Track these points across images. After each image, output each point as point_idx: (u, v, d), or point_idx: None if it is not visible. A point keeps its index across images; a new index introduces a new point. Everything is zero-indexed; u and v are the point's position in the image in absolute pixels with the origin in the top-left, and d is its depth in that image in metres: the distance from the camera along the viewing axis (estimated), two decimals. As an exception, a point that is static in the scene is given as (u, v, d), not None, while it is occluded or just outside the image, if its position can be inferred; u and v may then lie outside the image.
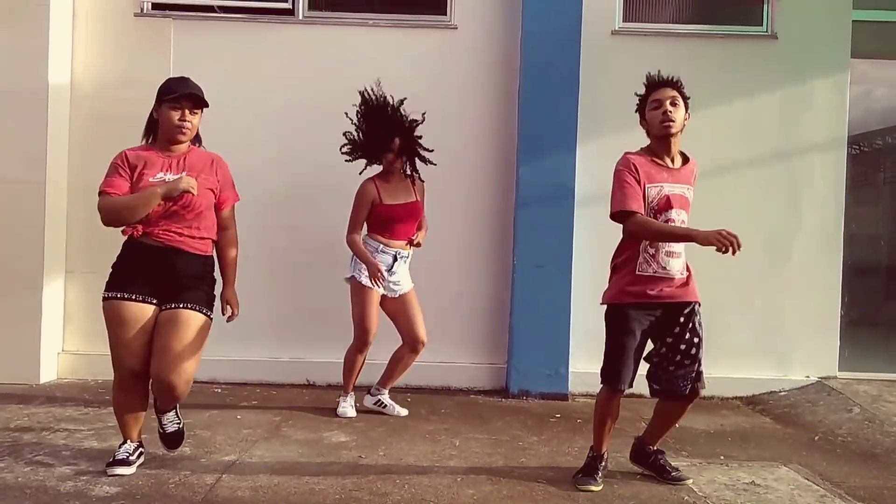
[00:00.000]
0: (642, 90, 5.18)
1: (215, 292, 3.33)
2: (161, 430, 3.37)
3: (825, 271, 5.39)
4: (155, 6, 5.37)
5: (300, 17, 5.37)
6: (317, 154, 5.26)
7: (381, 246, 4.35)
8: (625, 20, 5.43)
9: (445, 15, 5.39)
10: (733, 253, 2.93)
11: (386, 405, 4.54)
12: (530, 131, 5.12)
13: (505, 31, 5.35)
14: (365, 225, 4.42)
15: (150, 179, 3.11)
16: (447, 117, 5.24)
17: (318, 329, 5.25)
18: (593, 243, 5.19)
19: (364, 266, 4.25)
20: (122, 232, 3.18)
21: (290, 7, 5.35)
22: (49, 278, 5.12)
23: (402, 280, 4.40)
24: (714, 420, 4.60)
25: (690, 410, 3.43)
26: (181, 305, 3.12)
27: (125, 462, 3.19)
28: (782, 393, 5.25)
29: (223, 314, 3.38)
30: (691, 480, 3.35)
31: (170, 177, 3.13)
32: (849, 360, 5.43)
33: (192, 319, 3.12)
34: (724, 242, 2.91)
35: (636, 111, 3.44)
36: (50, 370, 5.18)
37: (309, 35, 5.38)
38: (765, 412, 4.92)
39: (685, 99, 3.30)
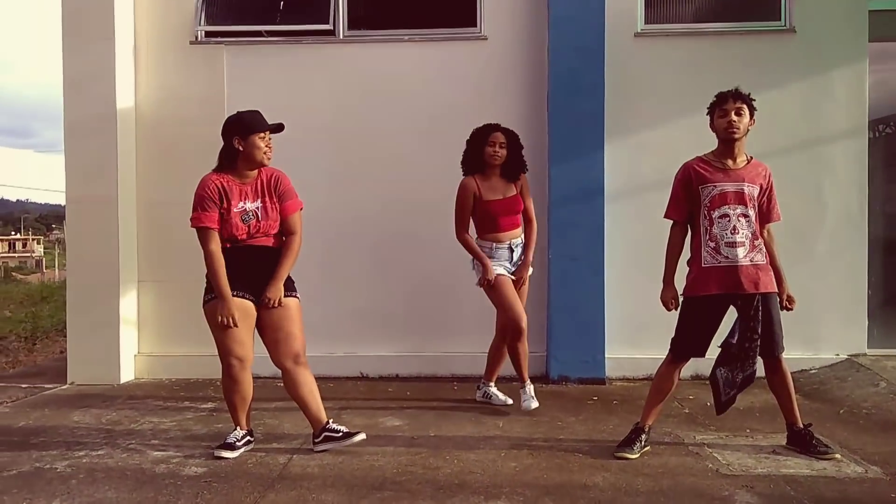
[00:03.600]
0: (667, 89, 5.54)
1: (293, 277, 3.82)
2: (340, 435, 3.72)
3: (851, 254, 5.60)
4: (208, 34, 5.83)
5: (341, 36, 5.78)
6: (360, 165, 5.69)
7: (494, 245, 4.56)
8: (647, 22, 5.70)
9: (476, 27, 5.75)
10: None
11: (491, 396, 4.77)
12: (560, 134, 5.44)
13: (532, 40, 5.68)
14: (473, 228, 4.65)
15: (235, 210, 3.63)
16: (482, 122, 5.59)
17: (369, 326, 5.66)
18: (623, 237, 5.52)
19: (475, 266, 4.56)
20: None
21: (332, 28, 5.77)
22: (124, 288, 5.63)
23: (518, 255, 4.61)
24: (745, 398, 4.81)
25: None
26: (284, 294, 3.68)
27: (231, 447, 3.65)
28: (813, 371, 5.48)
29: (266, 305, 3.67)
30: (838, 456, 3.59)
31: (249, 205, 3.64)
32: (877, 338, 5.64)
33: (292, 304, 3.72)
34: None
35: (707, 114, 3.75)
36: (128, 371, 5.69)
37: (349, 53, 5.79)
38: (796, 390, 5.12)
39: (751, 109, 3.66)
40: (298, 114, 5.70)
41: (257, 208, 3.66)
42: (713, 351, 3.71)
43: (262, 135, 3.67)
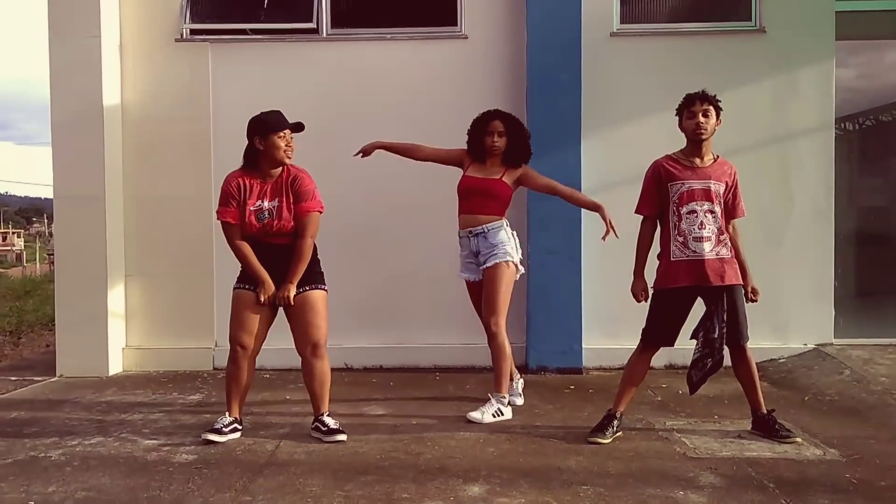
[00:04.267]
0: (642, 87, 5.72)
1: (321, 269, 3.98)
2: (325, 429, 3.86)
3: (819, 247, 5.82)
4: (193, 32, 5.92)
5: (324, 35, 5.90)
6: (342, 161, 5.78)
7: (459, 232, 4.50)
8: (622, 22, 5.87)
9: (456, 26, 5.88)
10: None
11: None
12: (538, 130, 5.49)
13: (511, 39, 5.83)
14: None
15: (251, 208, 3.78)
16: (461, 120, 5.67)
17: (353, 318, 5.80)
18: (600, 231, 5.66)
19: (460, 259, 4.55)
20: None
21: (315, 27, 5.88)
22: (112, 282, 5.72)
23: (489, 254, 4.38)
24: (716, 386, 5.02)
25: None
26: (306, 288, 3.85)
27: (219, 431, 3.80)
28: (781, 360, 5.69)
29: (279, 304, 3.84)
30: (799, 440, 3.77)
31: (266, 204, 3.79)
32: (844, 328, 5.86)
33: (317, 296, 3.88)
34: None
35: (676, 115, 3.91)
36: (116, 364, 5.79)
37: (332, 51, 5.92)
38: (764, 378, 5.32)
39: (718, 109, 3.83)
40: (282, 110, 5.80)
41: (273, 207, 3.80)
42: (682, 340, 3.89)
43: (281, 134, 3.80)
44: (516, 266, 4.44)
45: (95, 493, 3.11)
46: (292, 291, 3.80)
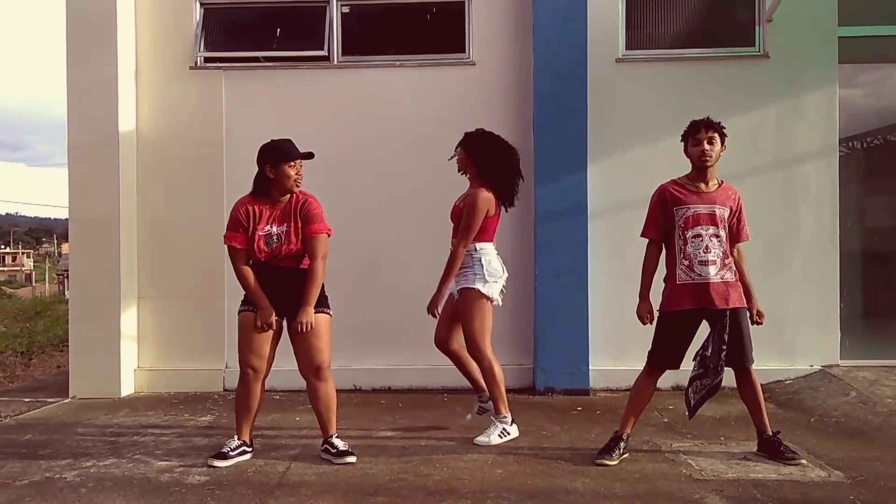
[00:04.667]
0: (647, 112, 5.81)
1: (326, 293, 4.01)
2: (335, 451, 3.92)
3: (825, 268, 5.87)
4: (207, 60, 6.06)
5: (335, 62, 6.02)
6: (353, 183, 5.90)
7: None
8: (627, 48, 5.97)
9: (464, 52, 6.00)
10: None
11: (487, 410, 4.48)
12: (545, 155, 5.68)
13: (518, 65, 5.94)
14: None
15: (259, 234, 3.84)
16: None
17: (362, 339, 5.87)
18: (606, 253, 5.76)
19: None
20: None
21: (326, 54, 6.02)
22: (125, 304, 5.82)
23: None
24: (722, 408, 5.08)
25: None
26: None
27: (224, 456, 3.86)
28: (787, 381, 5.72)
29: (298, 330, 3.84)
30: (804, 461, 3.80)
31: (275, 230, 3.86)
32: (850, 350, 5.89)
33: (319, 320, 3.89)
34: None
35: (681, 140, 3.98)
36: (128, 385, 5.87)
37: (343, 78, 6.04)
38: (770, 399, 5.37)
39: (722, 136, 3.91)
40: (293, 136, 5.74)
41: (282, 232, 3.87)
42: (687, 363, 3.94)
43: (292, 163, 3.87)
44: (479, 292, 4.26)
45: (111, 514, 3.18)
46: (310, 315, 3.83)
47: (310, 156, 3.97)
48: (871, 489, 3.45)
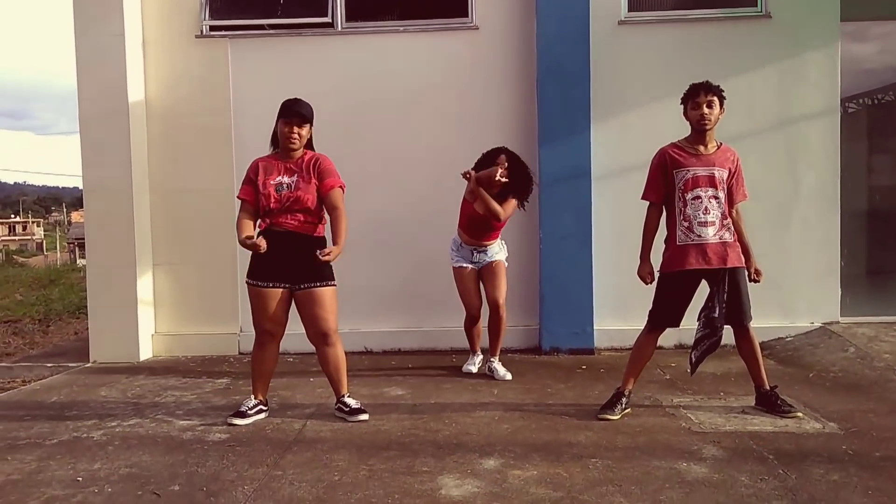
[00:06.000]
0: (650, 74, 5.84)
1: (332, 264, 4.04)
2: (348, 409, 4.09)
3: (825, 227, 5.95)
4: (213, 28, 6.11)
5: (339, 28, 6.07)
6: (360, 150, 5.99)
7: (461, 242, 5.09)
8: (630, 10, 5.99)
9: (468, 17, 6.03)
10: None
11: (493, 370, 5.06)
12: (548, 119, 5.75)
13: (522, 28, 5.97)
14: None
15: (271, 183, 3.95)
16: (474, 109, 5.94)
17: (372, 303, 6.02)
18: (610, 216, 5.85)
19: (453, 252, 5.12)
20: (259, 225, 4.04)
21: (330, 21, 6.06)
22: (140, 270, 5.97)
23: (488, 256, 5.06)
24: (723, 365, 5.23)
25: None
26: (314, 285, 3.98)
27: (243, 415, 4.03)
28: (788, 339, 5.85)
29: (320, 256, 3.90)
30: (800, 414, 3.96)
31: (286, 179, 3.95)
32: (850, 307, 6.00)
33: (324, 293, 4.00)
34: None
35: (681, 104, 4.04)
36: (147, 350, 6.05)
37: (347, 44, 6.09)
38: (771, 356, 5.51)
39: (721, 99, 3.97)
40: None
41: (292, 182, 3.96)
42: (689, 321, 4.07)
43: (287, 120, 3.98)
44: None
45: (138, 470, 3.35)
46: (336, 252, 3.88)
47: (288, 112, 3.98)
48: (863, 439, 3.59)
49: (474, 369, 5.24)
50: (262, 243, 3.85)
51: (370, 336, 6.04)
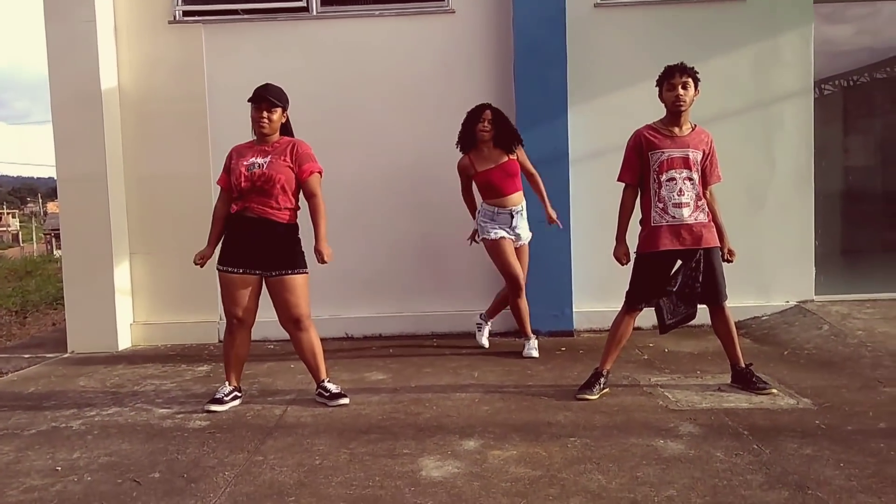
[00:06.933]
0: (626, 57, 5.86)
1: (304, 249, 4.09)
2: (328, 394, 4.10)
3: (800, 207, 6.02)
4: (186, 14, 6.03)
5: (314, 12, 6.02)
6: (337, 134, 5.95)
7: (497, 209, 5.12)
8: (606, -7, 6.00)
9: (444, 1, 6.00)
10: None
11: (480, 327, 5.53)
12: (525, 101, 5.75)
13: (498, 13, 5.95)
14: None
15: (244, 163, 3.95)
16: (451, 93, 5.92)
17: (352, 288, 6.02)
18: (588, 198, 5.88)
19: (488, 224, 5.13)
20: (231, 208, 4.04)
21: (305, 5, 6.01)
22: (117, 259, 5.92)
23: (523, 232, 5.23)
24: (700, 344, 5.30)
25: (679, 336, 4.11)
26: (285, 272, 3.98)
27: (219, 401, 4.04)
28: (764, 317, 5.93)
29: (318, 262, 4.02)
30: (775, 391, 4.03)
31: (259, 160, 3.95)
32: (824, 285, 6.09)
33: (295, 280, 4.00)
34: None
35: (656, 86, 4.07)
36: (125, 339, 6.01)
37: (323, 29, 6.04)
38: (747, 335, 5.59)
39: (696, 81, 3.99)
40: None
41: (265, 161, 3.95)
42: None
43: (256, 106, 3.98)
44: None
45: (118, 458, 3.34)
46: (325, 248, 3.99)
47: (255, 98, 3.99)
48: (835, 414, 3.66)
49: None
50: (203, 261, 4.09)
51: (350, 322, 6.04)
